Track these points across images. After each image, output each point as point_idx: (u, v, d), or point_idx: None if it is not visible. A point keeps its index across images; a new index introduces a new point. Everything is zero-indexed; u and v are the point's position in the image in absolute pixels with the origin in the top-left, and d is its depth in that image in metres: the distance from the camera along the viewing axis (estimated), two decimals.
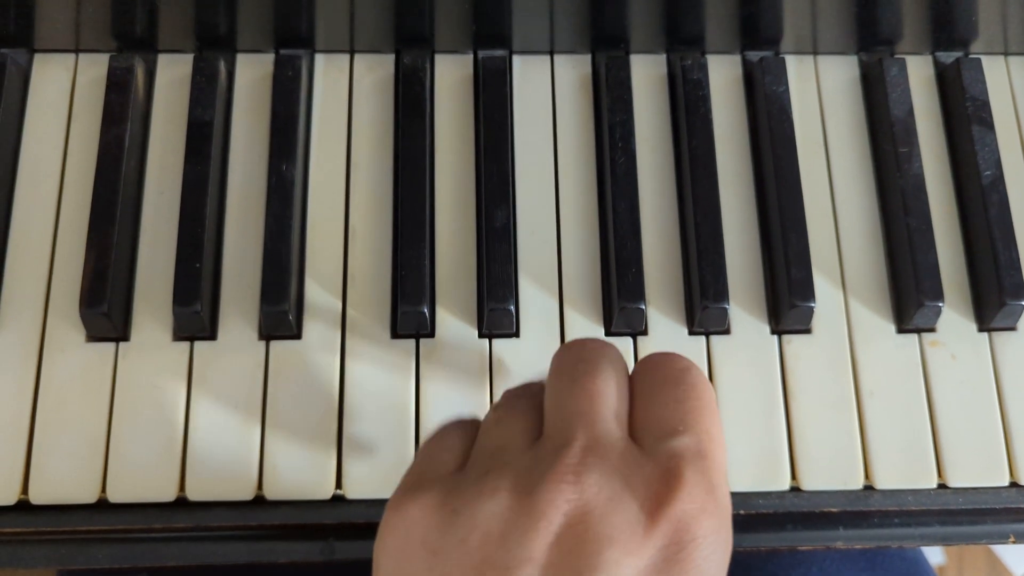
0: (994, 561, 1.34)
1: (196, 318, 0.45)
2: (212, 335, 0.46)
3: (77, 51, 0.51)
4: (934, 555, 1.30)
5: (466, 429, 0.37)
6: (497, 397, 0.46)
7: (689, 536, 0.30)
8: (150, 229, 0.48)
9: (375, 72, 0.51)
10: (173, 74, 0.51)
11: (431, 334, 0.47)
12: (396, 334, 0.47)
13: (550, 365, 0.37)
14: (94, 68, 0.50)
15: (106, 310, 0.45)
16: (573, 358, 0.35)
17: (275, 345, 0.46)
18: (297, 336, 0.46)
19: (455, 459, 0.36)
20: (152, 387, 0.45)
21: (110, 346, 0.46)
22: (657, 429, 0.33)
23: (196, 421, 0.45)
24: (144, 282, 0.47)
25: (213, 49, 0.50)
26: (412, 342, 0.47)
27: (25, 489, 0.44)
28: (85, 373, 0.45)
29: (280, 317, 0.45)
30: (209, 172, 0.47)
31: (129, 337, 0.46)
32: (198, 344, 0.46)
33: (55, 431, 0.44)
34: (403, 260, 0.46)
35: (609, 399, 0.34)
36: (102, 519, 0.44)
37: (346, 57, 0.51)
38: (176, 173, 0.49)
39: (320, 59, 0.51)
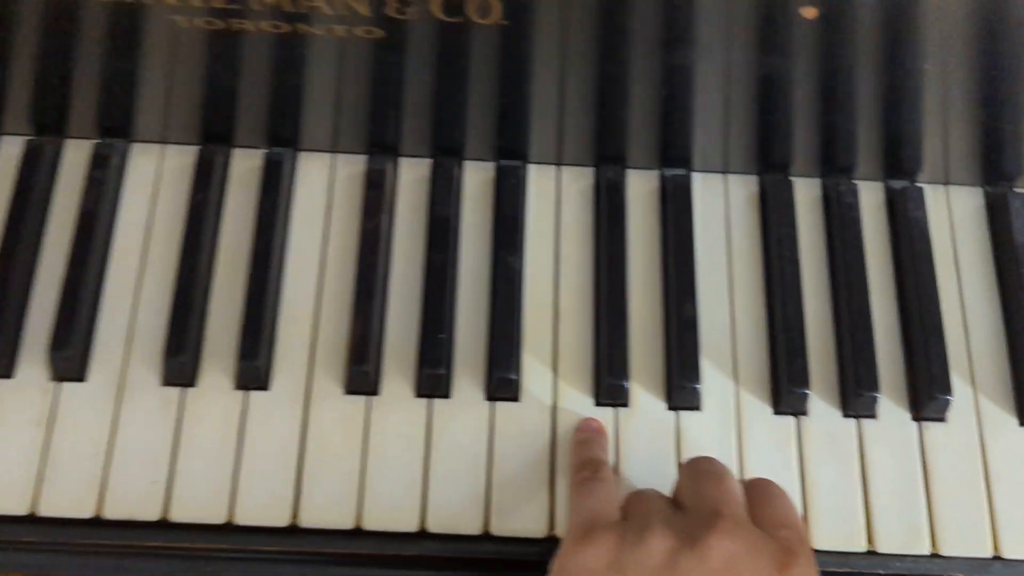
0: None
1: (439, 380, 0.55)
2: (447, 395, 0.56)
3: (335, 151, 0.61)
4: None
5: (611, 489, 0.50)
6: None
7: None
8: (396, 304, 0.58)
9: (579, 182, 0.61)
10: (413, 175, 0.61)
11: (626, 404, 0.56)
12: (599, 403, 0.56)
13: (685, 468, 0.50)
14: (350, 167, 0.61)
15: (368, 369, 0.54)
16: (708, 465, 0.49)
17: (499, 405, 0.55)
18: (517, 399, 0.56)
19: (616, 512, 0.48)
20: (398, 436, 0.55)
21: (363, 399, 0.55)
22: (773, 522, 0.46)
23: (435, 466, 0.54)
24: (392, 348, 0.57)
25: (447, 156, 0.61)
26: (611, 410, 0.56)
27: (295, 515, 0.53)
28: (343, 421, 0.55)
29: (508, 383, 0.55)
30: (447, 259, 0.57)
31: (379, 392, 0.56)
32: (436, 401, 0.55)
33: (320, 467, 0.54)
34: (607, 340, 0.56)
35: (739, 495, 0.48)
36: (355, 544, 0.53)
37: (554, 168, 0.62)
38: (413, 259, 0.59)
39: (532, 169, 0.61)
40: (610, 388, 0.55)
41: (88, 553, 0.53)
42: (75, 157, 0.60)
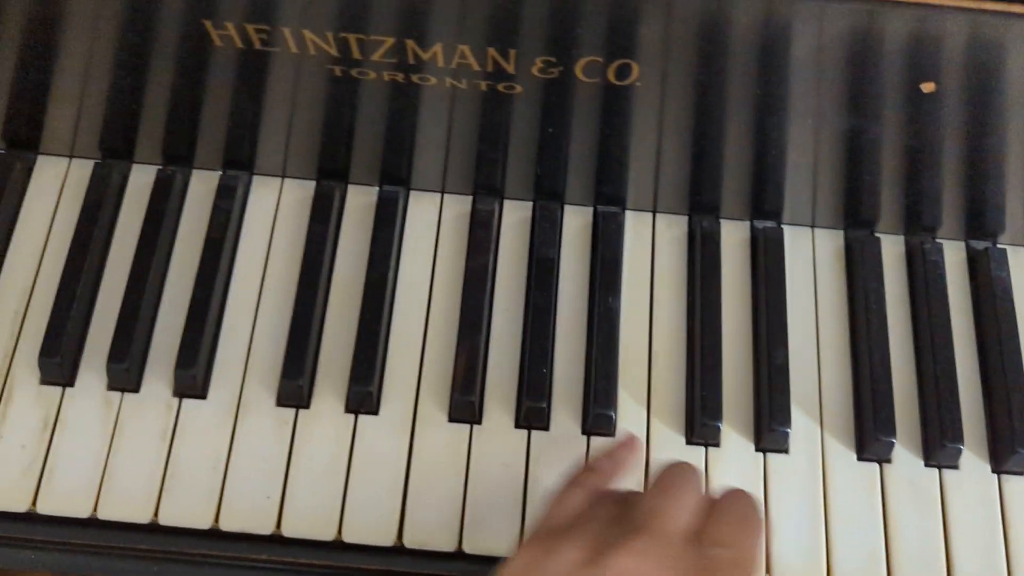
0: None
1: (541, 413, 0.57)
2: (546, 427, 0.58)
3: (443, 192, 0.64)
4: None
5: (582, 496, 0.50)
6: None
7: None
8: (498, 338, 0.61)
9: (672, 230, 0.64)
10: (514, 217, 0.64)
11: (717, 444, 0.58)
12: (690, 441, 0.58)
13: (659, 474, 0.50)
14: (457, 206, 0.64)
15: (474, 399, 0.57)
16: (671, 472, 0.49)
17: (595, 440, 0.58)
18: (612, 435, 0.58)
19: (569, 519, 0.48)
20: (499, 464, 0.57)
21: (466, 427, 0.58)
22: (713, 539, 0.46)
23: (533, 495, 0.57)
24: (492, 380, 0.59)
25: (549, 200, 0.64)
26: (702, 449, 0.58)
27: (400, 535, 0.56)
28: (447, 447, 0.57)
29: (606, 419, 0.57)
30: (550, 298, 0.60)
31: (482, 422, 0.58)
32: (535, 433, 0.58)
33: (424, 490, 0.56)
34: (701, 382, 0.58)
35: (684, 510, 0.47)
36: (456, 566, 0.55)
37: (650, 216, 0.65)
38: (514, 295, 0.62)
39: (630, 216, 0.64)
40: (704, 428, 0.57)
41: (202, 563, 0.56)
42: (201, 187, 0.64)
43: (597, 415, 0.57)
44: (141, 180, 0.64)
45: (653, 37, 0.45)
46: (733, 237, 0.64)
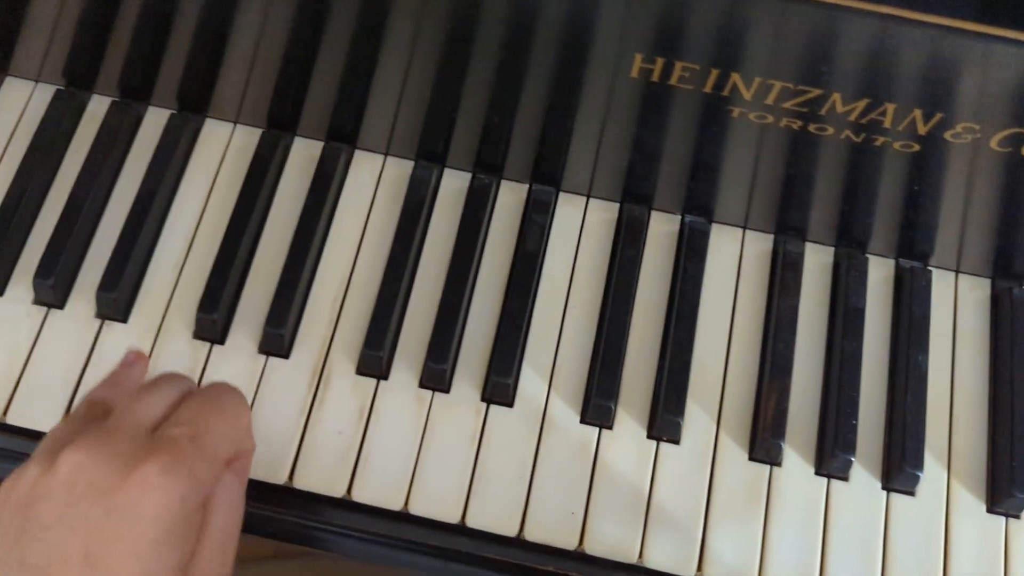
0: None
1: (847, 465, 0.57)
2: (846, 478, 0.58)
3: (745, 227, 0.65)
4: None
5: (73, 422, 0.48)
6: None
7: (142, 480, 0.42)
8: (796, 382, 0.61)
9: (975, 292, 0.64)
10: (815, 262, 0.64)
11: (1018, 516, 0.58)
12: (991, 510, 0.58)
13: None
14: (758, 244, 0.64)
15: (782, 442, 0.57)
16: (159, 377, 0.50)
17: (894, 496, 0.58)
18: (913, 494, 0.58)
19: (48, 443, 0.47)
20: (799, 510, 0.57)
21: (766, 468, 0.58)
22: (174, 421, 0.46)
23: (831, 542, 0.57)
24: (791, 423, 0.59)
25: (852, 247, 0.64)
26: (1002, 519, 0.58)
27: (700, 565, 0.56)
28: (747, 485, 0.58)
29: (914, 478, 0.57)
30: (859, 349, 0.60)
31: (782, 464, 0.59)
32: (834, 482, 0.58)
33: (723, 525, 0.57)
34: (1014, 453, 0.58)
35: (156, 405, 0.47)
36: None
37: (952, 275, 0.64)
38: (812, 340, 0.61)
39: (933, 273, 0.64)
40: (1013, 500, 0.57)
41: (504, 570, 0.57)
42: (509, 198, 0.65)
43: (905, 474, 0.57)
44: (453, 185, 0.65)
45: None
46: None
